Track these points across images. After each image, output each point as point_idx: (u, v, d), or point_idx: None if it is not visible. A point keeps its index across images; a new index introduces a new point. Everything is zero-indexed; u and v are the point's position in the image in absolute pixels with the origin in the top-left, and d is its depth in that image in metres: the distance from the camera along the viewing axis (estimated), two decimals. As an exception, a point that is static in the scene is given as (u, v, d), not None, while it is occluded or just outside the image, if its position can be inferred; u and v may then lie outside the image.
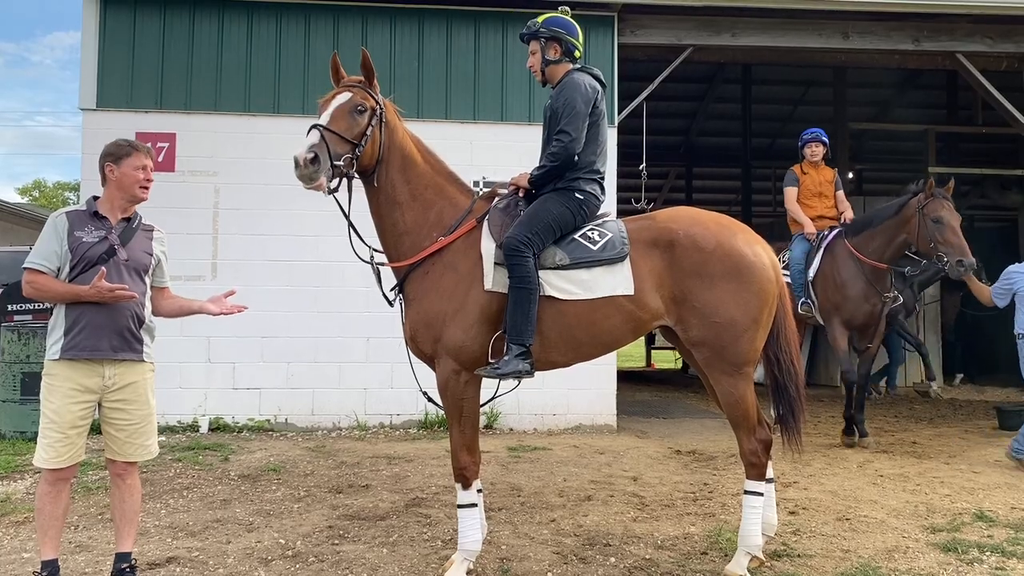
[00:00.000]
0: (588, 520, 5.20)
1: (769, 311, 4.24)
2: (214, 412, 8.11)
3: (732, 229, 4.28)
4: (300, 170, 3.87)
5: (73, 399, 3.78)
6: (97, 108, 8.26)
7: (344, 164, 3.99)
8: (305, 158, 3.85)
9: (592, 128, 4.38)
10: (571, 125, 4.29)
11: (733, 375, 4.17)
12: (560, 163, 4.30)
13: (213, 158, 8.34)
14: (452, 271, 4.18)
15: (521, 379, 4.05)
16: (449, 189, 4.41)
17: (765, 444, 4.29)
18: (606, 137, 4.53)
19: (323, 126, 3.98)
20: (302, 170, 3.86)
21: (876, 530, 4.98)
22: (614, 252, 4.15)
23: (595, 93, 4.42)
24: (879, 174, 19.04)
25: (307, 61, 8.50)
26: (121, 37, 8.32)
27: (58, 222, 3.86)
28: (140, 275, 3.95)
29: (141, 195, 3.98)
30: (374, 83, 4.27)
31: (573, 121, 4.29)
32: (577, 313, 4.14)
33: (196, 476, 6.27)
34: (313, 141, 3.92)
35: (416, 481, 6.18)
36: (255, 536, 4.85)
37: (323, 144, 3.91)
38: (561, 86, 4.45)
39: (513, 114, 8.69)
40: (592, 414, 8.51)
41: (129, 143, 4.01)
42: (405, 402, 8.35)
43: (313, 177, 3.89)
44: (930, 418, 9.89)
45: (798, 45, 8.88)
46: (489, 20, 8.70)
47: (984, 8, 8.48)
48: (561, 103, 4.36)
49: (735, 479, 6.33)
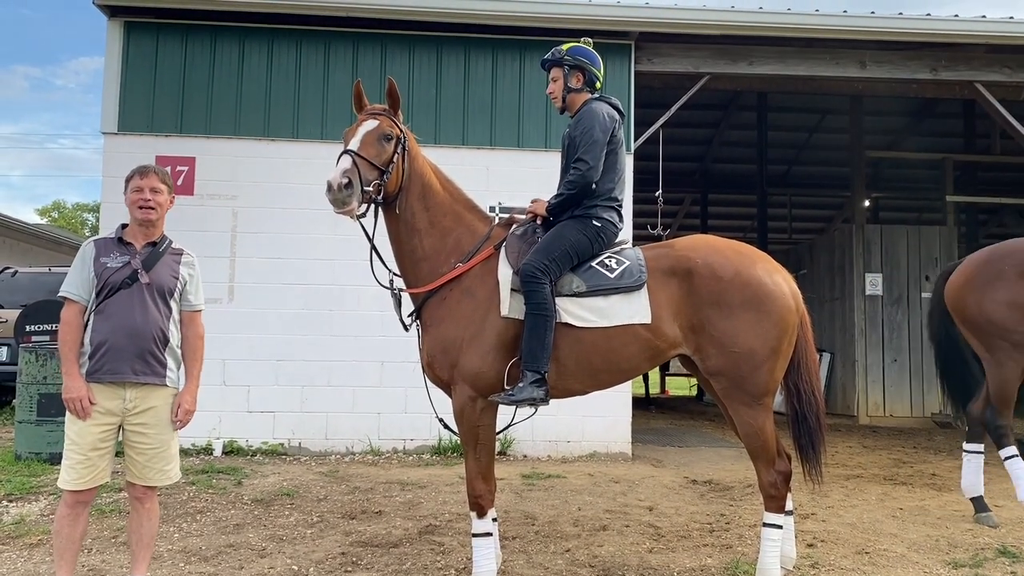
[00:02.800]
0: (603, 551, 5.14)
1: (789, 340, 4.20)
2: (228, 435, 8.11)
3: (751, 257, 4.26)
4: (333, 194, 3.89)
5: (94, 421, 3.81)
6: (118, 132, 8.35)
7: (373, 190, 4.03)
8: (340, 183, 3.88)
9: (610, 156, 4.40)
10: (589, 154, 4.31)
11: (752, 406, 4.14)
12: (578, 191, 4.32)
13: (232, 182, 8.41)
14: (470, 297, 4.18)
15: (536, 406, 4.03)
16: (467, 216, 4.42)
17: (785, 476, 4.25)
18: (624, 165, 4.55)
19: (355, 152, 4.02)
20: (335, 194, 3.88)
21: (896, 564, 4.90)
22: (631, 280, 4.14)
23: (613, 122, 4.45)
24: (895, 202, 18.95)
25: (326, 88, 8.58)
26: (143, 62, 8.44)
27: (86, 250, 3.94)
28: (165, 299, 3.97)
29: (141, 216, 3.96)
30: (398, 112, 4.31)
31: (591, 150, 4.31)
32: (594, 341, 4.12)
33: (209, 500, 6.25)
34: (346, 166, 3.95)
35: (430, 508, 6.14)
36: (267, 562, 4.82)
37: (355, 169, 3.95)
38: (580, 115, 4.47)
39: (529, 140, 8.73)
40: (607, 441, 8.45)
41: (139, 168, 4.04)
42: (419, 427, 8.32)
43: (346, 202, 3.91)
44: (949, 449, 9.75)
45: (815, 74, 8.89)
46: (507, 48, 8.77)
47: (1001, 37, 8.48)
48: (580, 132, 4.38)
49: (752, 510, 6.25)
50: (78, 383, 3.77)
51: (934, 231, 13.50)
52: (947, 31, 8.47)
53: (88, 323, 3.86)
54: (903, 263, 13.21)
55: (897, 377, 13.02)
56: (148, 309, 3.89)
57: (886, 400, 12.93)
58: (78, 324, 3.85)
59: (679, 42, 8.73)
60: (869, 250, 13.17)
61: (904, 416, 12.83)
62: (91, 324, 3.85)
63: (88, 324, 3.85)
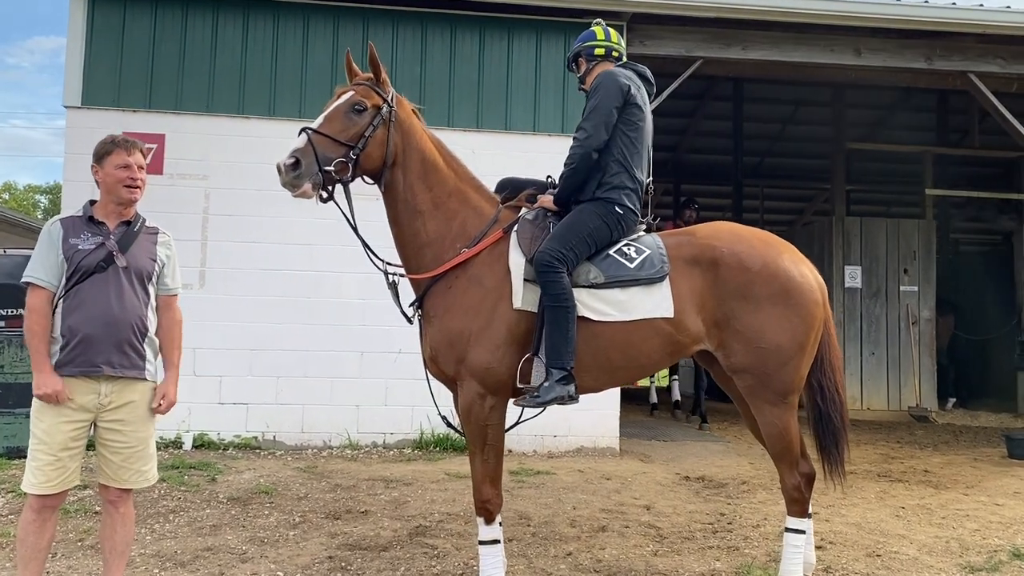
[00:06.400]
0: (606, 554, 4.88)
1: (815, 336, 3.97)
2: (198, 428, 7.69)
3: (777, 248, 4.01)
4: (281, 177, 3.61)
5: (66, 418, 3.46)
6: (82, 106, 7.85)
7: (336, 169, 3.67)
8: (286, 164, 3.57)
9: (628, 128, 4.02)
10: (588, 121, 3.99)
11: (778, 404, 3.89)
12: (578, 163, 3.97)
13: (204, 161, 7.95)
14: (477, 286, 3.86)
15: (566, 404, 3.74)
16: (473, 197, 4.10)
17: (808, 478, 4.03)
18: (646, 139, 4.16)
19: (312, 129, 3.71)
20: (283, 177, 3.61)
21: (911, 568, 4.71)
22: (653, 271, 3.85)
23: (626, 86, 4.03)
24: (869, 195, 18.96)
25: (304, 63, 8.15)
26: (109, 33, 7.93)
27: (52, 230, 3.55)
28: (143, 283, 3.63)
29: (128, 196, 3.62)
30: (382, 79, 3.95)
31: (590, 117, 3.99)
32: (612, 335, 3.83)
33: (182, 498, 5.87)
34: (297, 145, 3.64)
35: (417, 507, 5.83)
36: (250, 567, 4.50)
37: (309, 148, 3.64)
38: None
39: (517, 123, 8.39)
40: (594, 436, 8.19)
41: (112, 139, 3.66)
42: (399, 421, 7.99)
43: (295, 184, 3.62)
44: (934, 444, 9.68)
45: (809, 60, 8.69)
46: (494, 27, 8.41)
47: (996, 27, 8.34)
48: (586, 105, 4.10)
49: (751, 509, 6.05)
50: (51, 377, 3.42)
51: (913, 224, 13.44)
52: (943, 19, 8.30)
53: (56, 311, 3.49)
54: (882, 256, 13.14)
55: (875, 370, 12.96)
56: (125, 295, 3.55)
57: (863, 394, 12.85)
58: (46, 312, 3.49)
59: (672, 24, 8.45)
60: (848, 242, 13.08)
61: (881, 409, 12.78)
62: (60, 312, 3.48)
63: (57, 312, 3.49)
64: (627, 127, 4.04)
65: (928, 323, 13.10)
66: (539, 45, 8.45)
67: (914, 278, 13.09)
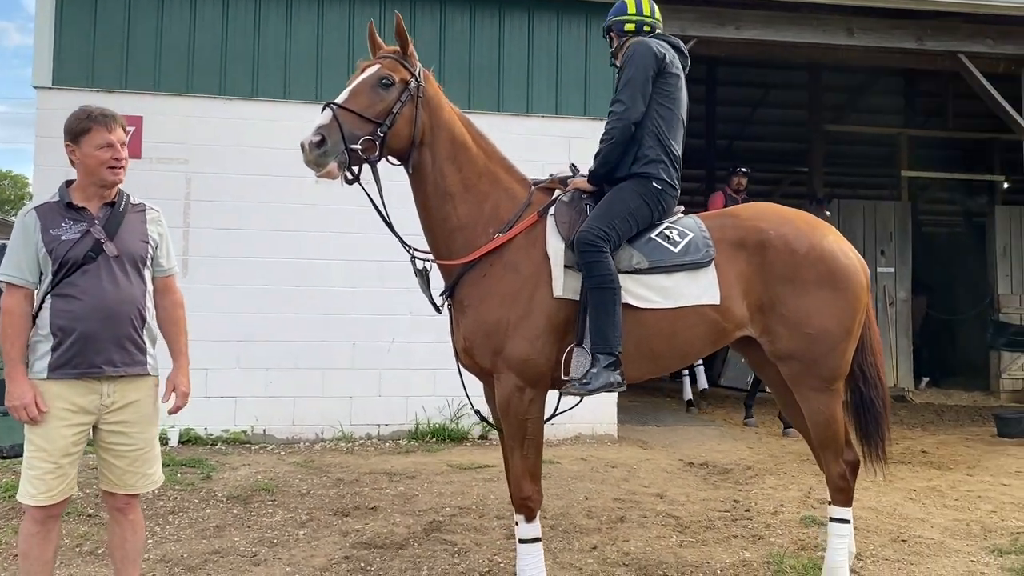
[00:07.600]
0: (631, 546, 4.76)
1: (860, 320, 3.86)
2: (184, 423, 7.36)
3: (822, 230, 3.88)
4: (306, 155, 3.35)
5: (66, 421, 3.18)
6: (53, 86, 7.43)
7: (363, 147, 3.43)
8: (311, 141, 3.33)
9: (664, 99, 3.87)
10: (623, 93, 3.82)
11: (824, 391, 3.78)
12: (616, 138, 3.80)
13: (184, 144, 7.59)
14: (513, 273, 3.66)
15: (614, 391, 3.57)
16: (505, 178, 3.90)
17: (853, 466, 3.94)
18: (682, 111, 4.00)
19: (337, 104, 3.46)
20: (307, 155, 3.35)
21: (939, 553, 4.67)
22: (698, 256, 3.69)
23: (661, 53, 3.88)
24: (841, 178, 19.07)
25: (289, 41, 7.81)
26: (82, 9, 7.51)
27: (27, 221, 3.21)
28: (138, 269, 3.33)
29: (111, 178, 3.29)
30: (409, 52, 3.73)
31: (625, 88, 3.82)
32: (657, 323, 3.67)
33: (179, 498, 5.59)
34: (323, 122, 3.39)
35: (427, 501, 5.64)
36: (263, 570, 4.30)
37: (335, 125, 3.39)
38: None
39: (509, 104, 8.15)
40: (593, 423, 8.05)
41: (88, 114, 3.27)
42: (394, 411, 7.77)
43: (320, 163, 3.36)
44: (921, 424, 9.74)
45: (802, 40, 8.60)
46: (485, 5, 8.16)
47: (984, 7, 8.32)
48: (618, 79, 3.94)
49: (764, 496, 5.97)
50: (23, 387, 3.10)
51: (889, 206, 13.52)
52: (932, -1, 8.28)
53: (45, 308, 3.18)
54: (859, 237, 13.18)
55: (853, 351, 13.03)
56: (120, 285, 3.25)
57: (843, 374, 12.92)
58: (23, 313, 3.17)
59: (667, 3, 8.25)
60: (826, 224, 13.09)
61: (860, 390, 12.86)
62: (50, 309, 3.17)
63: (45, 309, 3.18)
64: (662, 97, 3.89)
65: (904, 304, 13.20)
66: (531, 24, 8.23)
67: (891, 259, 13.17)
